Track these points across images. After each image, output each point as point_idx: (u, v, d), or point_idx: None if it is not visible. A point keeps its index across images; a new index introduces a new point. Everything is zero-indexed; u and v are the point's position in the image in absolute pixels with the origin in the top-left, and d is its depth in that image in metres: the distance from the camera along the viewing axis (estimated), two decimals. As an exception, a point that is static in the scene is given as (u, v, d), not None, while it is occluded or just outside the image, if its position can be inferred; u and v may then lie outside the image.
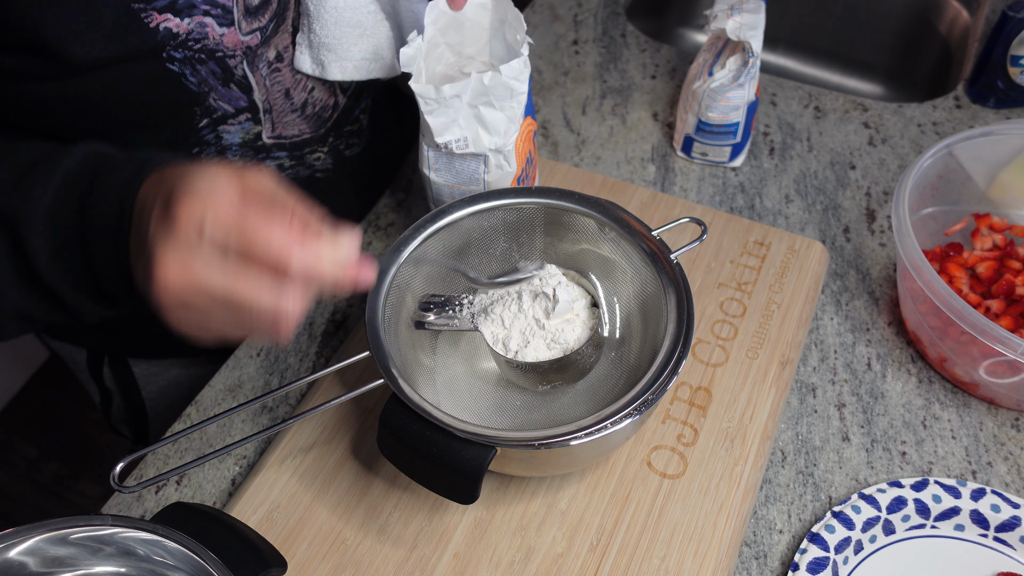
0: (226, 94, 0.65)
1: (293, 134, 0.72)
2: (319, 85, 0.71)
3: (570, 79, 1.04)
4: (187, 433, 0.59)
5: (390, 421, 0.56)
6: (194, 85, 0.62)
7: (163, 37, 0.58)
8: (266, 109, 0.68)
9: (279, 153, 0.72)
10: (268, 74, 0.66)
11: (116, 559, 0.49)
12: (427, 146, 0.70)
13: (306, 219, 0.43)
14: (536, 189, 0.67)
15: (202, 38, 0.60)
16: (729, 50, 0.87)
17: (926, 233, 0.79)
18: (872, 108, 0.99)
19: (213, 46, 0.61)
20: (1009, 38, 0.93)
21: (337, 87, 0.74)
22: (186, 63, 0.61)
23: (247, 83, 0.65)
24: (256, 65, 0.64)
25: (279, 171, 0.74)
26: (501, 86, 0.66)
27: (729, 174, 0.92)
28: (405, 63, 0.68)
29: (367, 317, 0.60)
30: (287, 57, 0.66)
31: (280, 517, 0.64)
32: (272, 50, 0.65)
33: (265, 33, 0.64)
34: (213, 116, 0.66)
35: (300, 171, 0.76)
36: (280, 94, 0.68)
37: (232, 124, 0.67)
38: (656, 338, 0.60)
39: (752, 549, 0.65)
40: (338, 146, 0.79)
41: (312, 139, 0.75)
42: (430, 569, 0.62)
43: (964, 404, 0.73)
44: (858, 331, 0.78)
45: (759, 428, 0.68)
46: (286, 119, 0.70)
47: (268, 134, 0.69)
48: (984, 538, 0.65)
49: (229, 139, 0.68)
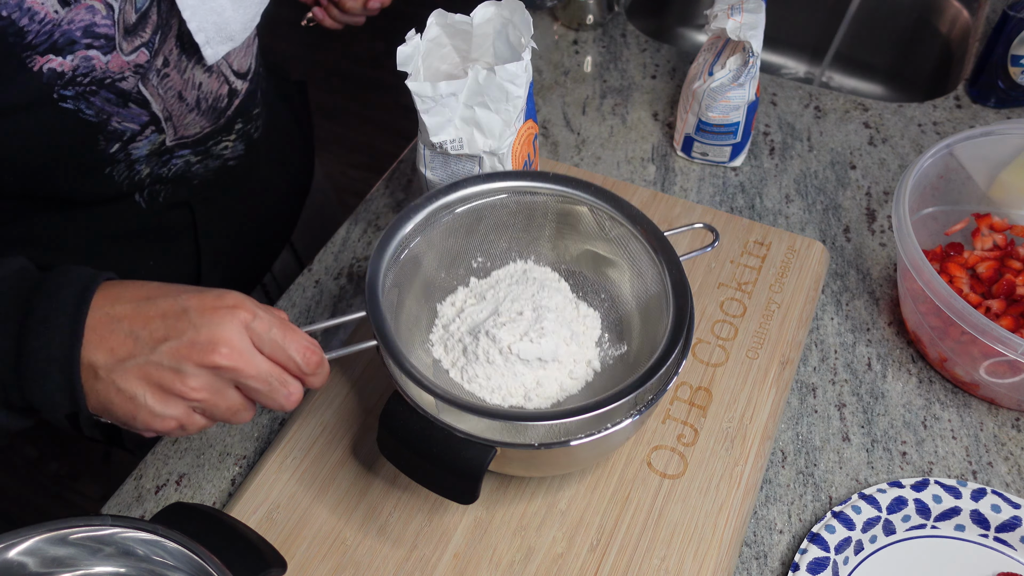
0: (127, 114, 0.64)
1: (195, 132, 0.72)
2: (205, 79, 0.70)
3: (570, 79, 1.04)
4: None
5: (390, 421, 0.56)
6: (92, 116, 0.62)
7: (48, 79, 0.57)
8: (166, 117, 0.68)
9: (182, 152, 0.72)
10: (159, 83, 0.65)
11: (116, 559, 0.49)
12: (423, 145, 0.70)
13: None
14: (549, 175, 0.66)
15: (89, 71, 0.59)
16: (729, 50, 0.87)
17: (926, 233, 0.79)
18: (872, 108, 0.99)
19: (101, 75, 0.60)
20: (1009, 38, 0.93)
21: (226, 74, 0.73)
22: (79, 98, 0.60)
23: (143, 98, 0.65)
24: (147, 78, 0.64)
25: (187, 167, 0.74)
26: (496, 87, 0.66)
27: (729, 174, 0.92)
28: (402, 62, 0.67)
29: (368, 278, 0.59)
30: (172, 60, 0.66)
31: (280, 517, 0.64)
32: (160, 58, 0.64)
33: (153, 47, 0.63)
34: (123, 138, 0.66)
35: (210, 163, 0.76)
36: (174, 99, 0.67)
37: (140, 140, 0.67)
38: (656, 338, 0.60)
39: (752, 549, 0.65)
40: (248, 131, 0.79)
41: (214, 131, 0.74)
42: (430, 569, 0.62)
43: (964, 404, 0.73)
44: (858, 331, 0.78)
45: (759, 428, 0.68)
46: (186, 120, 0.70)
47: (171, 138, 0.70)
48: (984, 538, 0.65)
49: (137, 153, 0.68)
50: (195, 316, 0.49)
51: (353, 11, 0.89)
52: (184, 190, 0.76)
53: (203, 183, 0.77)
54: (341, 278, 0.84)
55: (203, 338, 0.49)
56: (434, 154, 0.70)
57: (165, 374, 0.49)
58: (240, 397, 0.52)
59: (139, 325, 0.49)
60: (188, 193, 0.76)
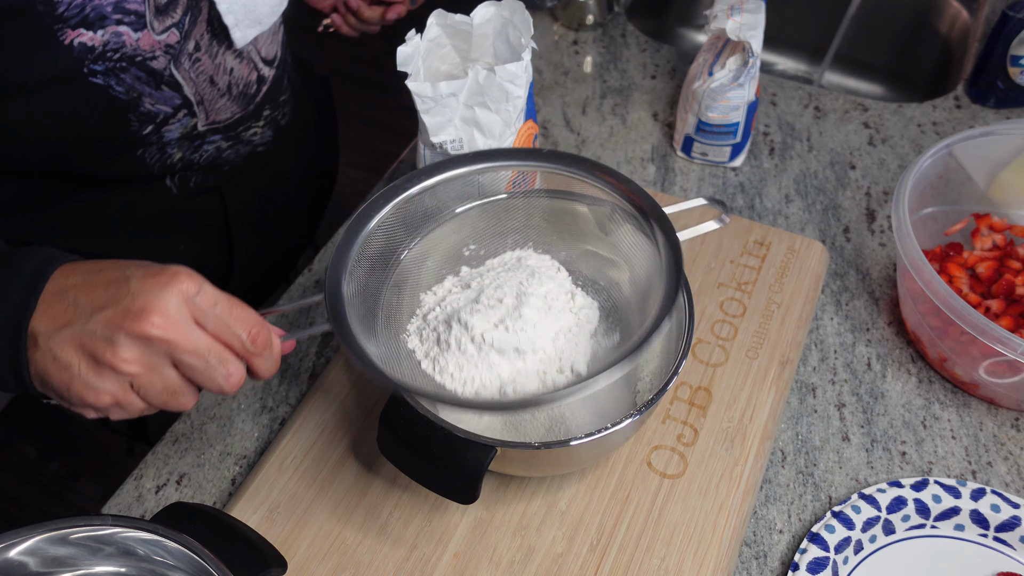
0: (160, 97, 0.65)
1: (226, 117, 0.73)
2: (237, 64, 0.72)
3: (570, 79, 1.04)
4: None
5: (390, 421, 0.56)
6: (122, 93, 0.62)
7: (79, 52, 0.58)
8: (198, 101, 0.69)
9: (214, 137, 0.73)
10: (191, 67, 0.66)
11: (116, 559, 0.49)
12: (423, 145, 0.70)
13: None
14: (546, 152, 0.62)
15: (119, 47, 0.60)
16: (729, 50, 0.87)
17: (926, 233, 0.79)
18: (872, 108, 0.99)
19: (131, 52, 0.61)
20: (1009, 38, 0.93)
21: (255, 60, 0.75)
22: (109, 74, 0.61)
23: (175, 81, 0.66)
24: (179, 61, 0.65)
25: (217, 153, 0.75)
26: (496, 87, 0.66)
27: (729, 174, 0.92)
28: (402, 62, 0.67)
29: (330, 265, 0.56)
30: (203, 45, 0.67)
31: (280, 517, 0.64)
32: (191, 42, 0.66)
33: (183, 28, 0.64)
34: (156, 120, 0.66)
35: (240, 149, 0.77)
36: (206, 83, 0.69)
37: (173, 123, 0.68)
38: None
39: (752, 549, 0.65)
40: (276, 117, 0.80)
41: (244, 117, 0.75)
42: (430, 569, 0.62)
43: (964, 404, 0.73)
44: (858, 331, 0.78)
45: (759, 428, 0.68)
46: (217, 105, 0.71)
47: (203, 123, 0.71)
48: (984, 538, 0.65)
49: (169, 136, 0.69)
50: (135, 284, 0.48)
51: (371, 20, 0.90)
52: (214, 176, 0.77)
53: (233, 169, 0.78)
54: (341, 278, 0.84)
55: (137, 306, 0.47)
56: (434, 154, 0.70)
57: (98, 343, 0.47)
58: (178, 377, 0.49)
59: (83, 294, 0.48)
60: (219, 179, 0.78)
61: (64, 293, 0.48)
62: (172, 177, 0.74)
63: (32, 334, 0.48)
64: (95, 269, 0.49)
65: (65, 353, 0.47)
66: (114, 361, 0.47)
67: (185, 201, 0.76)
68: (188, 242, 0.80)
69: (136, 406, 0.49)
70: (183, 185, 0.75)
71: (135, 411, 0.50)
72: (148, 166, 0.70)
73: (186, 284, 0.48)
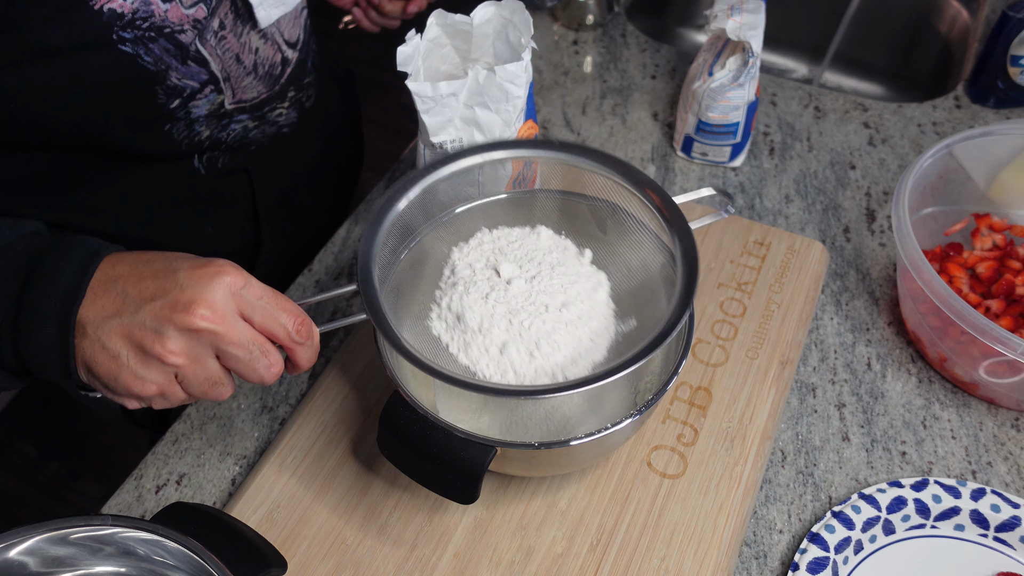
0: (186, 71, 0.66)
1: (252, 96, 0.74)
2: (262, 44, 0.72)
3: (570, 79, 1.04)
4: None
5: (390, 421, 0.56)
6: (150, 64, 0.63)
7: (108, 18, 0.59)
8: (224, 78, 0.70)
9: (241, 116, 0.74)
10: (217, 44, 0.67)
11: (116, 559, 0.49)
12: (423, 145, 0.70)
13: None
14: (557, 143, 0.63)
15: (148, 16, 0.61)
16: (729, 50, 0.87)
17: (926, 233, 0.79)
18: (872, 108, 0.99)
19: (160, 23, 0.62)
20: (1009, 38, 0.93)
21: (279, 42, 0.75)
22: (138, 43, 0.62)
23: (202, 56, 0.67)
24: (205, 37, 0.66)
25: (244, 133, 0.76)
26: (496, 87, 0.66)
27: (729, 174, 0.92)
28: (402, 62, 0.68)
29: (360, 252, 0.57)
30: (228, 24, 0.68)
31: (280, 517, 0.64)
32: (216, 20, 0.66)
33: (210, 4, 0.65)
34: (183, 95, 0.67)
35: (266, 129, 0.78)
36: (232, 60, 0.70)
37: (200, 99, 0.69)
38: (658, 312, 0.59)
39: (752, 549, 0.65)
40: (300, 99, 0.81)
41: (270, 97, 0.76)
42: (430, 569, 0.62)
43: (964, 404, 0.73)
44: (858, 331, 0.78)
45: (759, 428, 0.68)
46: (244, 83, 0.72)
47: (230, 101, 0.72)
48: (984, 538, 0.65)
49: (197, 112, 0.70)
50: (183, 276, 0.48)
51: (392, 14, 0.91)
52: (241, 156, 0.78)
53: (260, 149, 0.79)
54: (341, 278, 0.84)
55: (185, 298, 0.48)
56: (434, 154, 0.70)
57: (146, 334, 0.48)
58: (219, 368, 0.50)
59: (131, 284, 0.49)
60: (246, 159, 0.78)
61: (112, 283, 0.49)
62: (200, 157, 0.74)
63: (81, 323, 0.49)
64: (142, 260, 0.50)
65: (114, 343, 0.48)
66: (162, 352, 0.48)
67: (213, 182, 0.77)
68: (216, 224, 0.81)
69: (178, 396, 0.51)
70: (211, 166, 0.76)
71: (176, 401, 0.51)
72: (176, 142, 0.70)
73: (232, 277, 0.49)
